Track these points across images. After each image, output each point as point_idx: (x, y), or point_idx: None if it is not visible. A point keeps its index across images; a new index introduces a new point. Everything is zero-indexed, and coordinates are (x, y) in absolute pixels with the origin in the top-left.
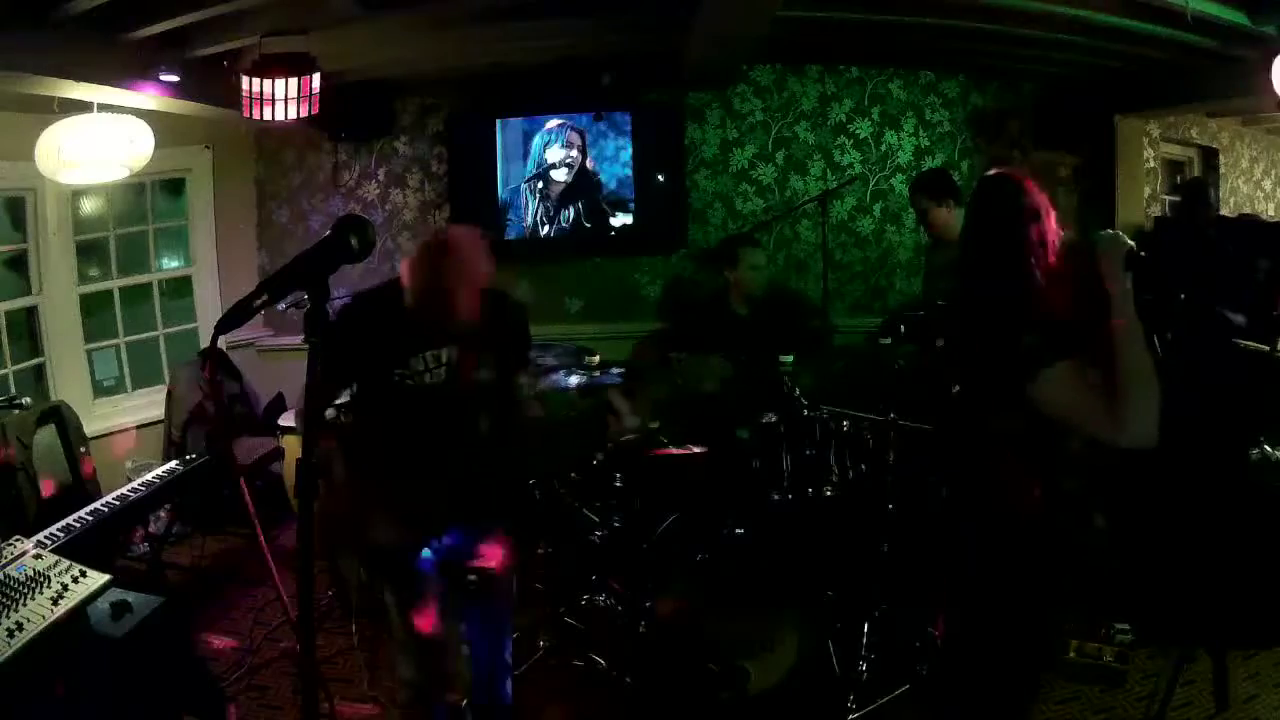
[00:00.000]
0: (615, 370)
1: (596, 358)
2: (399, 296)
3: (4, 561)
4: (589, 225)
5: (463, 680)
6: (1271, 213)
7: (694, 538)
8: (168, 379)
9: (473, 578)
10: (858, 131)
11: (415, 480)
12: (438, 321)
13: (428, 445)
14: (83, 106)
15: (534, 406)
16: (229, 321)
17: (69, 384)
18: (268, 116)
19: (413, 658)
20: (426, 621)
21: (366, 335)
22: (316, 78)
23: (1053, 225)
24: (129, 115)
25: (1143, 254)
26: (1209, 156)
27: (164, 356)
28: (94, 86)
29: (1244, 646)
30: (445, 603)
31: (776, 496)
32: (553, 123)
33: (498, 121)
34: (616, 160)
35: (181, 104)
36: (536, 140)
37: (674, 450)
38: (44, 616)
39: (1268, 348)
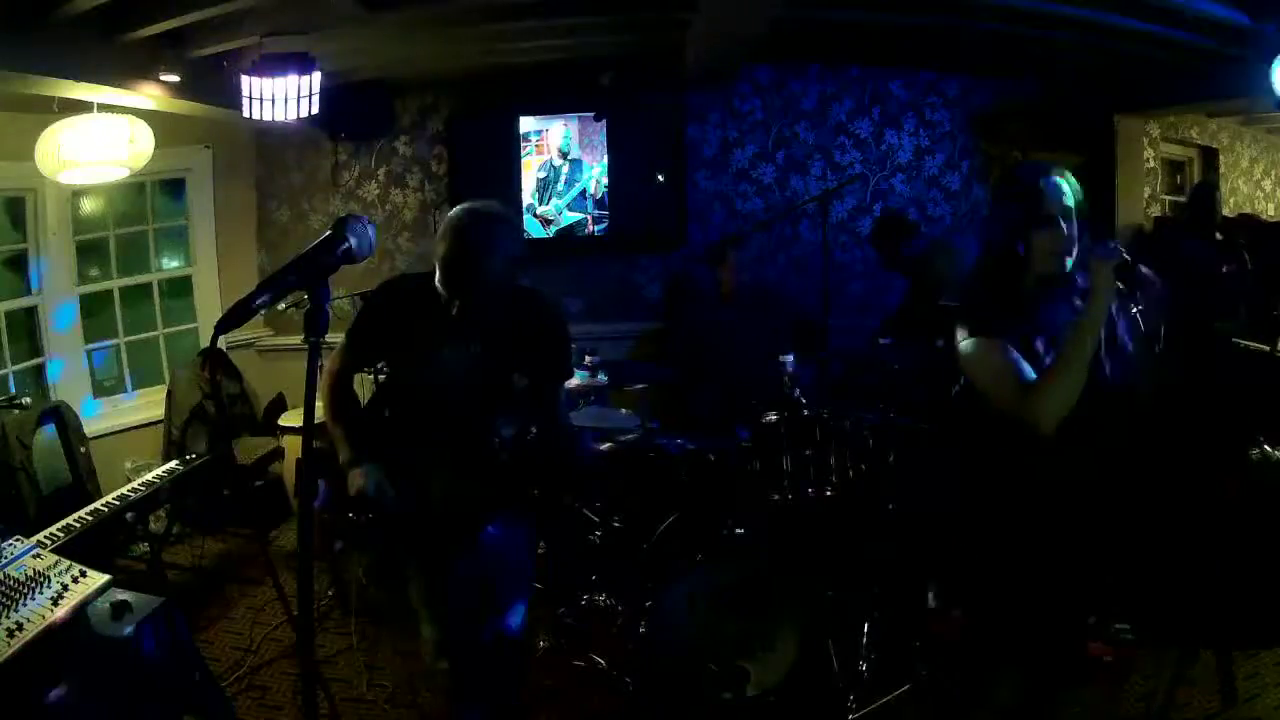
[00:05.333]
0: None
1: (597, 358)
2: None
3: (4, 561)
4: (588, 225)
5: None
6: (1271, 213)
7: (694, 538)
8: (168, 379)
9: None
10: (858, 131)
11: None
12: (463, 313)
13: (438, 441)
14: (83, 106)
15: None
16: (229, 321)
17: (69, 384)
18: (268, 116)
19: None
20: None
21: (397, 318)
22: (316, 78)
23: None
24: (129, 115)
25: (1138, 263)
26: (1209, 156)
27: (164, 356)
28: (94, 86)
29: (1245, 646)
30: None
31: (776, 496)
32: (553, 122)
33: (498, 121)
34: (616, 159)
35: (181, 104)
36: (536, 139)
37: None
38: (44, 616)
39: (1268, 348)
